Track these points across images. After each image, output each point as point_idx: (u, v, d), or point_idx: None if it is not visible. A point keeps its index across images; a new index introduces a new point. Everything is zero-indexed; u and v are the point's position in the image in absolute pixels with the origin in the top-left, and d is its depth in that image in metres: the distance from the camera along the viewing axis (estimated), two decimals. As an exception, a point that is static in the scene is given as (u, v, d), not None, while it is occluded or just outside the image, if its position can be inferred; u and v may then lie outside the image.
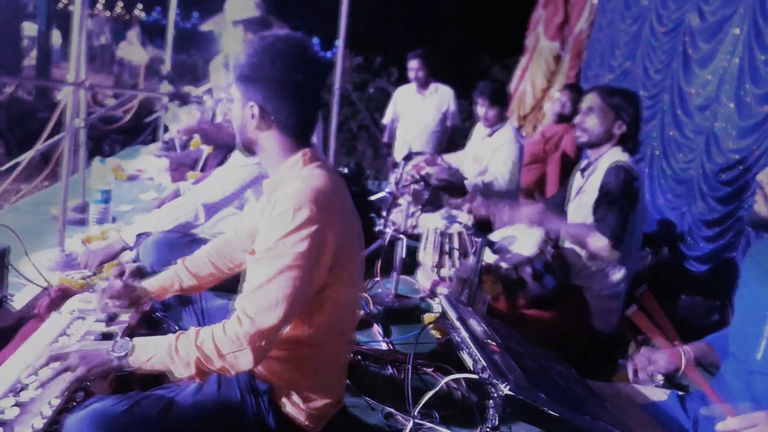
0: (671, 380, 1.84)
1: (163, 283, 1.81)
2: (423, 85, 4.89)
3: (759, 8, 3.66)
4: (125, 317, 1.78)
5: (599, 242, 2.33)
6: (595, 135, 2.53)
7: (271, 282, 1.38)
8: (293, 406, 1.53)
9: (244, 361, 1.38)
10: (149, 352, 1.40)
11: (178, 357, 1.37)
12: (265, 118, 1.49)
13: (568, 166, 4.37)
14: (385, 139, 5.40)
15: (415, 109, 4.95)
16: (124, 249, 2.38)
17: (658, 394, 1.72)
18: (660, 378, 1.75)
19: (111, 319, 1.76)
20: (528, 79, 7.24)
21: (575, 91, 4.71)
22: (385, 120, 5.35)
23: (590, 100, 2.55)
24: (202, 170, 3.83)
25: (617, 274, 2.52)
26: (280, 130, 1.51)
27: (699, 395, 1.70)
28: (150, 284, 1.82)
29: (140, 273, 1.98)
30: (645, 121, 4.63)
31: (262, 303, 1.38)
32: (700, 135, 4.07)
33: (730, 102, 3.80)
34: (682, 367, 1.69)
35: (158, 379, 1.66)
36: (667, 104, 4.53)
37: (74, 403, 1.41)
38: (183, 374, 1.39)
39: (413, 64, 4.84)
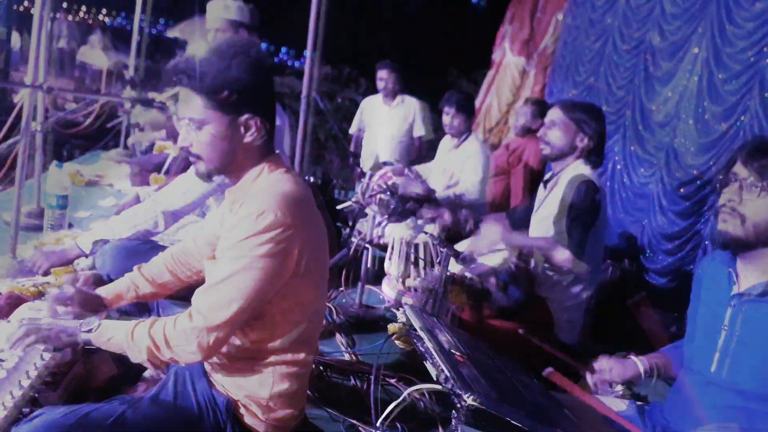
0: (632, 391, 1.86)
1: (119, 290, 1.76)
2: (391, 95, 4.90)
3: (717, 28, 3.78)
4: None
5: (562, 255, 2.36)
6: (557, 148, 2.57)
7: (226, 281, 1.37)
8: (253, 418, 1.50)
9: (190, 355, 1.39)
10: (110, 333, 1.45)
11: (132, 342, 1.40)
12: (259, 127, 1.44)
13: (532, 178, 4.42)
14: (352, 148, 5.39)
15: (382, 120, 4.96)
16: (79, 256, 2.30)
17: (619, 405, 1.74)
18: (620, 389, 1.77)
19: (64, 329, 1.69)
20: (494, 93, 7.34)
21: (536, 105, 4.78)
22: (352, 130, 5.35)
23: (553, 114, 2.60)
24: (166, 174, 3.76)
25: (580, 286, 2.55)
26: (263, 137, 1.47)
27: (658, 406, 1.72)
28: (105, 291, 1.76)
29: (97, 281, 1.91)
30: (608, 136, 4.74)
31: (214, 301, 1.37)
32: (661, 150, 4.17)
33: (689, 119, 3.91)
34: (642, 376, 1.72)
35: (112, 391, 1.61)
36: (629, 120, 4.64)
37: (21, 416, 1.35)
38: (137, 359, 1.42)
39: (382, 74, 4.84)
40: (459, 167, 3.83)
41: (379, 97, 5.00)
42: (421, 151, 5.07)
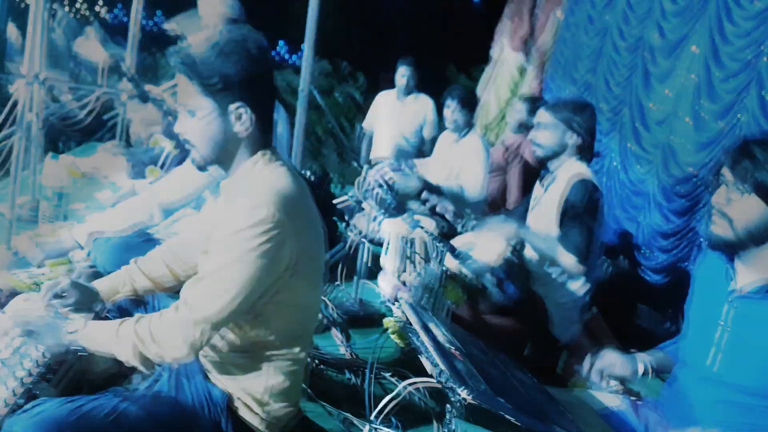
0: (625, 387, 1.86)
1: (114, 284, 1.74)
2: (407, 92, 4.92)
3: (716, 27, 3.78)
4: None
5: (567, 259, 2.38)
6: (549, 149, 2.57)
7: (215, 274, 1.36)
8: (249, 412, 1.50)
9: (175, 349, 1.35)
10: (97, 332, 1.42)
11: (118, 340, 1.37)
12: (251, 118, 1.43)
13: (530, 175, 4.43)
14: (362, 144, 5.39)
15: (395, 116, 4.96)
16: (74, 248, 2.29)
17: (613, 401, 1.74)
18: (615, 384, 1.77)
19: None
20: (492, 90, 7.33)
21: (532, 101, 4.78)
22: (365, 124, 5.35)
23: (540, 116, 2.60)
24: (162, 167, 3.74)
25: (578, 284, 2.55)
26: (257, 129, 1.46)
27: (652, 402, 1.73)
28: (101, 285, 1.74)
29: (95, 277, 1.90)
30: (605, 133, 4.75)
31: (201, 293, 1.36)
32: (658, 148, 4.17)
33: (686, 117, 3.91)
34: (639, 373, 1.72)
35: (108, 384, 1.61)
36: (626, 117, 4.64)
37: (18, 408, 1.35)
38: (123, 357, 1.39)
39: (404, 71, 4.85)
40: (459, 162, 3.83)
41: (393, 93, 5.01)
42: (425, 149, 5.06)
